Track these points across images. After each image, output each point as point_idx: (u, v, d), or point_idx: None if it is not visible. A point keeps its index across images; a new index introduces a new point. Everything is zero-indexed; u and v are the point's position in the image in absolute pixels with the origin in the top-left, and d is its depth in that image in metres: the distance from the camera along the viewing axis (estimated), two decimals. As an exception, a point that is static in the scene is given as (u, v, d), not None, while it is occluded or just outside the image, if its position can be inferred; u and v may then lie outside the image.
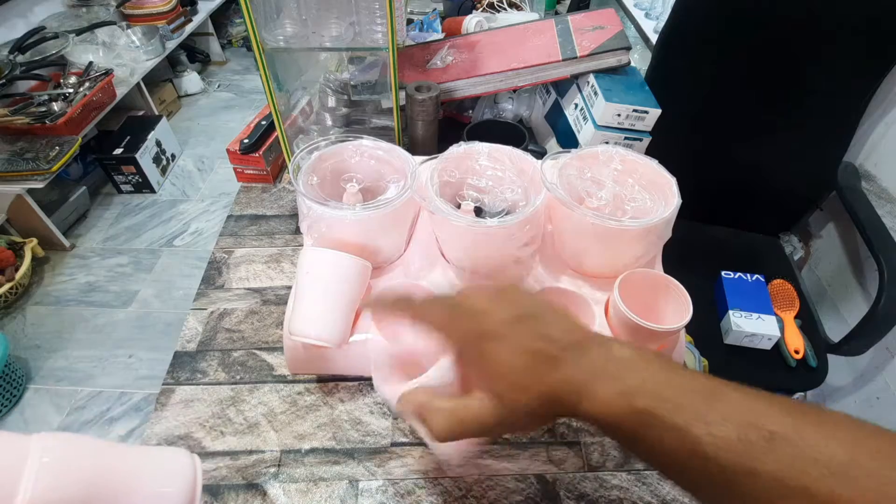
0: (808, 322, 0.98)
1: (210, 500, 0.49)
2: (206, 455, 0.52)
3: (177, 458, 0.35)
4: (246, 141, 0.80)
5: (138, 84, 2.11)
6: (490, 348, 0.31)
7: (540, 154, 0.68)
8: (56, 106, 1.68)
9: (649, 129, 0.76)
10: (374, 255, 0.57)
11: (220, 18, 2.98)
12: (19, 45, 1.75)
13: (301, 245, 0.67)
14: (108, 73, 1.86)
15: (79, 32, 1.93)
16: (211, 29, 2.79)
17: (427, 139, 0.80)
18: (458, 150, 0.56)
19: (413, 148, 0.81)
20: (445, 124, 0.85)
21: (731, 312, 0.93)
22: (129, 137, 1.99)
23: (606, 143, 0.71)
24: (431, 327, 0.34)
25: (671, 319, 0.49)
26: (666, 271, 0.55)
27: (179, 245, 1.85)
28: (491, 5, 1.22)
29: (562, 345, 0.30)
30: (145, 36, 2.15)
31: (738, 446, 0.24)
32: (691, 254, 0.86)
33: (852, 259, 1.13)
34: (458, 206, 0.53)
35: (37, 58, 1.78)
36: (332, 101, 0.84)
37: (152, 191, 2.05)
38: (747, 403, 0.25)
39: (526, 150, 0.56)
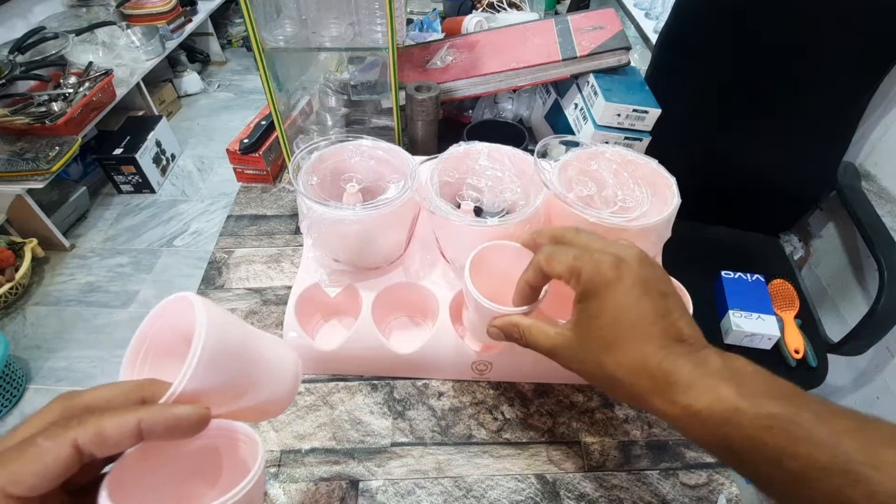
0: (808, 322, 0.98)
1: (210, 500, 0.49)
2: (206, 455, 0.52)
3: (287, 347, 0.39)
4: (246, 141, 0.80)
5: (138, 84, 2.11)
6: (623, 296, 0.33)
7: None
8: (56, 106, 1.68)
9: (649, 129, 0.76)
10: (374, 255, 0.57)
11: (219, 18, 2.98)
12: (19, 45, 1.75)
13: (301, 245, 0.67)
14: (107, 73, 1.86)
15: (79, 32, 1.93)
16: (211, 29, 2.79)
17: (427, 139, 0.80)
18: (458, 150, 0.56)
19: (413, 148, 0.81)
20: (445, 124, 0.85)
21: (731, 312, 0.93)
22: (128, 137, 2.00)
23: (606, 142, 0.71)
24: (571, 254, 0.36)
25: (671, 319, 0.49)
26: (666, 271, 0.55)
27: (179, 245, 1.85)
28: (491, 5, 1.22)
29: (690, 332, 0.32)
30: (145, 36, 2.15)
31: None
32: (691, 254, 0.86)
33: (852, 259, 1.13)
34: (458, 206, 0.53)
35: (37, 58, 1.78)
36: (332, 101, 0.84)
37: (152, 191, 2.05)
38: None
39: (526, 150, 0.56)
